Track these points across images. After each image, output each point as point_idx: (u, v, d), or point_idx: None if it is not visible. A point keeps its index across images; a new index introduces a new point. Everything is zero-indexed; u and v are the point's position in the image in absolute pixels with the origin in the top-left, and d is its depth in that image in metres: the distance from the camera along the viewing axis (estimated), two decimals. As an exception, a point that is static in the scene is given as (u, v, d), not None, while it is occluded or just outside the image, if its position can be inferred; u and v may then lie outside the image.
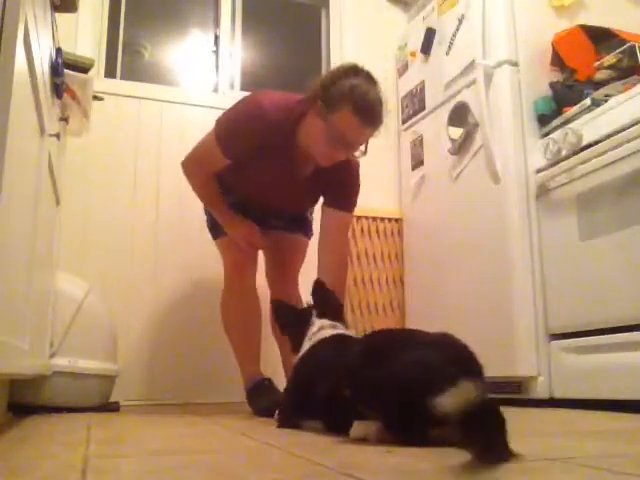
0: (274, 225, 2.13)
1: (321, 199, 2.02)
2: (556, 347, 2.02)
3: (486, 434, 0.77)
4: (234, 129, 1.81)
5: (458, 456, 0.77)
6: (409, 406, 1.00)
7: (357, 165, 1.92)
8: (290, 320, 1.59)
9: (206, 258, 2.70)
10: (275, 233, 2.14)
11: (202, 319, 2.63)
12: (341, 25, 3.22)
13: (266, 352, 2.13)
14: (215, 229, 2.08)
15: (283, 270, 2.16)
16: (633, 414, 1.59)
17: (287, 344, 1.74)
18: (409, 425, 1.01)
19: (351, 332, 1.56)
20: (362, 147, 1.77)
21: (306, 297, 1.70)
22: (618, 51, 2.09)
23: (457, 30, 2.54)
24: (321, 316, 1.53)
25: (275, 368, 2.17)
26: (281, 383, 2.03)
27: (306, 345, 1.48)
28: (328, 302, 1.58)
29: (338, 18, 3.26)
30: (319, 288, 1.60)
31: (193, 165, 1.95)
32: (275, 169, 1.86)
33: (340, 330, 1.49)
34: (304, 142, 1.78)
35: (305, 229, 2.19)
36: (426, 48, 2.77)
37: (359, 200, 2.89)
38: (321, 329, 1.48)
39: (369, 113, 1.69)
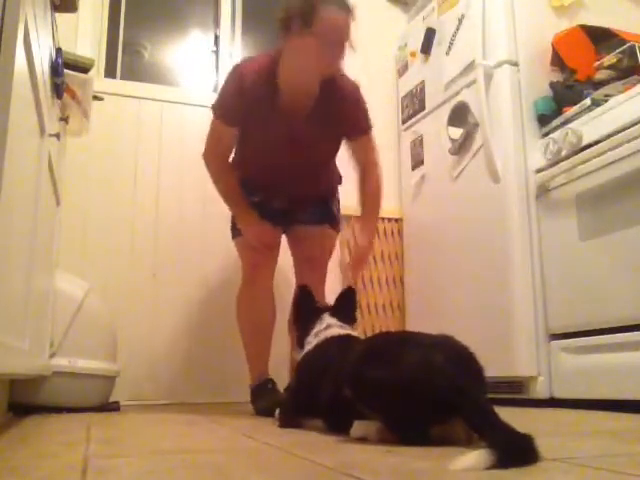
0: (299, 219, 2.13)
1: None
2: (556, 347, 2.02)
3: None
4: (223, 96, 1.95)
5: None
6: (409, 406, 1.00)
7: (356, 88, 1.98)
8: (305, 311, 1.58)
9: (206, 258, 2.71)
10: (300, 227, 2.14)
11: (202, 319, 2.64)
12: (341, 25, 3.21)
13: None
14: (235, 228, 2.09)
15: (311, 265, 2.13)
16: (633, 414, 1.59)
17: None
18: (409, 425, 1.01)
19: (358, 334, 1.55)
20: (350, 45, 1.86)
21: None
22: (618, 51, 2.09)
23: (457, 30, 2.55)
24: (333, 316, 1.53)
25: (277, 369, 2.16)
26: (283, 382, 2.03)
27: (312, 342, 1.48)
28: (345, 306, 1.58)
29: (338, 18, 3.26)
30: (305, 294, 1.60)
31: (208, 152, 2.01)
32: (274, 124, 1.91)
33: (347, 330, 1.49)
34: (296, 69, 1.85)
35: (331, 220, 2.17)
36: (426, 48, 2.77)
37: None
38: (328, 327, 1.48)
39: (341, 1, 1.82)
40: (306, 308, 1.58)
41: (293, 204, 2.11)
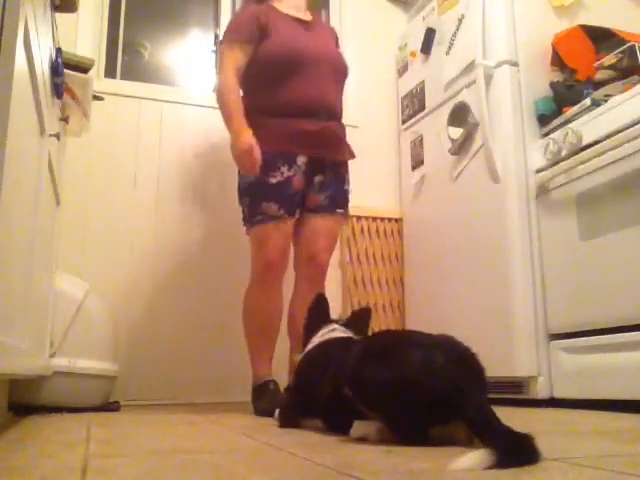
0: (313, 205, 2.12)
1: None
2: (556, 347, 2.02)
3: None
4: (233, 22, 2.19)
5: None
6: (410, 406, 1.00)
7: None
8: (316, 318, 1.56)
9: (206, 257, 2.70)
10: (311, 217, 2.12)
11: (202, 319, 2.64)
12: (341, 25, 3.22)
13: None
14: (252, 215, 2.05)
15: (314, 260, 2.12)
16: (633, 414, 1.59)
17: (297, 343, 1.85)
18: (410, 425, 1.01)
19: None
20: None
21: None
22: (618, 51, 2.09)
23: (457, 30, 2.55)
24: (342, 326, 1.52)
25: (277, 369, 2.16)
26: (283, 383, 2.03)
27: (315, 341, 1.47)
28: (359, 322, 1.57)
29: (338, 18, 3.26)
30: (321, 302, 1.59)
31: (221, 74, 2.10)
32: (288, 27, 2.14)
33: (349, 334, 1.48)
34: None
35: (344, 204, 2.18)
36: (426, 48, 2.77)
37: (359, 200, 2.91)
38: (332, 331, 1.48)
39: None
40: (318, 316, 1.57)
41: (315, 151, 2.07)
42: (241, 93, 2.11)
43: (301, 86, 2.06)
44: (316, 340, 1.47)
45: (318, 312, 1.58)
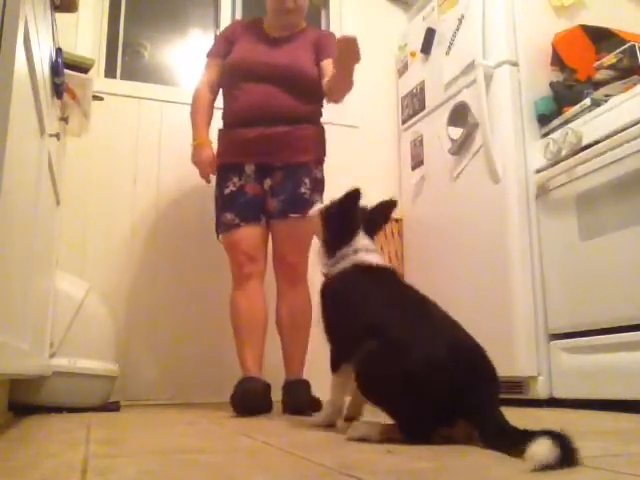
0: (273, 208, 2.11)
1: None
2: (556, 347, 2.02)
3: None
4: (216, 39, 2.36)
5: (458, 456, 0.77)
6: (419, 406, 1.00)
7: (331, 33, 2.43)
8: (338, 225, 1.45)
9: (205, 258, 2.70)
10: (274, 222, 2.13)
11: (202, 319, 2.63)
12: (341, 25, 3.22)
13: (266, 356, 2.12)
14: (217, 225, 2.17)
15: (284, 262, 2.15)
16: (633, 414, 1.59)
17: (288, 338, 2.05)
18: (417, 422, 1.01)
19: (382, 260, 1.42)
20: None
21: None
22: (618, 51, 2.09)
23: (457, 30, 2.55)
24: (365, 231, 1.43)
25: (276, 371, 2.17)
26: (280, 384, 2.03)
27: (340, 265, 1.38)
28: (380, 212, 1.52)
29: (338, 18, 3.26)
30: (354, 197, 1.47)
31: (198, 82, 2.28)
32: (249, 43, 2.22)
33: (375, 258, 1.37)
34: (268, 7, 2.26)
35: (297, 207, 2.07)
36: (426, 48, 2.77)
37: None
38: (357, 252, 1.38)
39: None
40: (342, 221, 1.45)
41: (259, 158, 2.10)
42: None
43: (246, 96, 2.13)
44: (341, 264, 1.37)
45: (347, 217, 1.44)
